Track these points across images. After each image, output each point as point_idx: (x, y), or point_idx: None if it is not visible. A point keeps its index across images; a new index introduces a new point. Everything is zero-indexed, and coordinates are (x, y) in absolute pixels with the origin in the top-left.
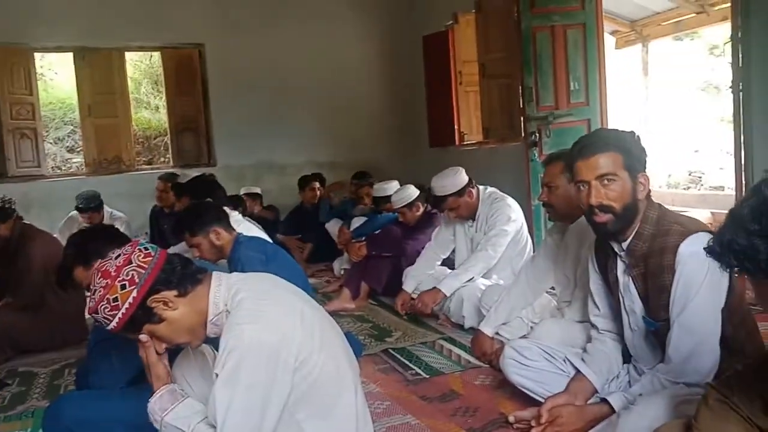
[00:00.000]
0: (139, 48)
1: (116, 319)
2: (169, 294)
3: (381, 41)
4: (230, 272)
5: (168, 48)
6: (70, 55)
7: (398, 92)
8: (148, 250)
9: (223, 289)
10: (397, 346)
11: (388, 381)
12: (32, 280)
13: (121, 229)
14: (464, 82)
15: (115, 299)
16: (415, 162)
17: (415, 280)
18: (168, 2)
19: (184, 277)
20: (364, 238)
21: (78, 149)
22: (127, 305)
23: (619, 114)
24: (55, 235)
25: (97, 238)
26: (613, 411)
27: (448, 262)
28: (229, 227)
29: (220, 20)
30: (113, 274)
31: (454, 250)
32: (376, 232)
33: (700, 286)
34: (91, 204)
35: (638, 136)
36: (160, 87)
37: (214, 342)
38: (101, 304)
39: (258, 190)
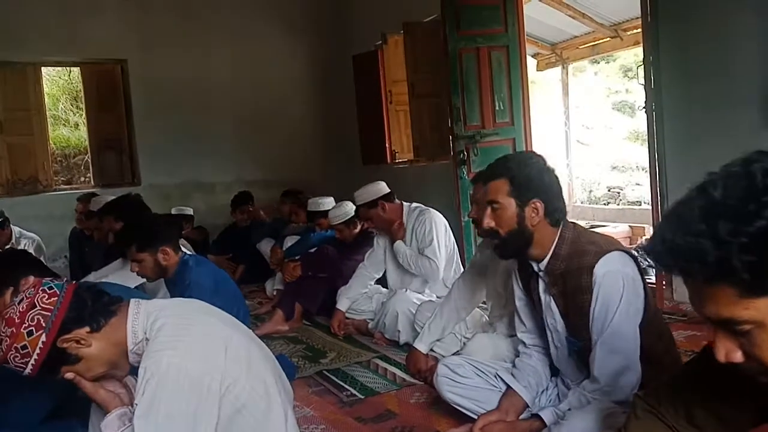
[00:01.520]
0: (56, 63)
1: (29, 367)
2: (81, 331)
3: (311, 60)
4: (171, 294)
5: (88, 63)
6: None
7: (330, 110)
8: (53, 289)
9: (142, 316)
10: (332, 367)
11: (322, 403)
12: None
13: (30, 251)
14: (394, 101)
15: (24, 347)
16: (349, 179)
17: (349, 299)
18: (88, 16)
19: (95, 311)
20: (297, 258)
21: None
22: (38, 351)
23: (542, 133)
24: None
25: (8, 264)
26: (544, 425)
27: (381, 281)
28: (177, 248)
29: (143, 35)
30: (18, 321)
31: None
32: (311, 251)
33: (618, 304)
34: None
35: (539, 162)
36: (79, 103)
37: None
38: (10, 353)
39: (189, 211)
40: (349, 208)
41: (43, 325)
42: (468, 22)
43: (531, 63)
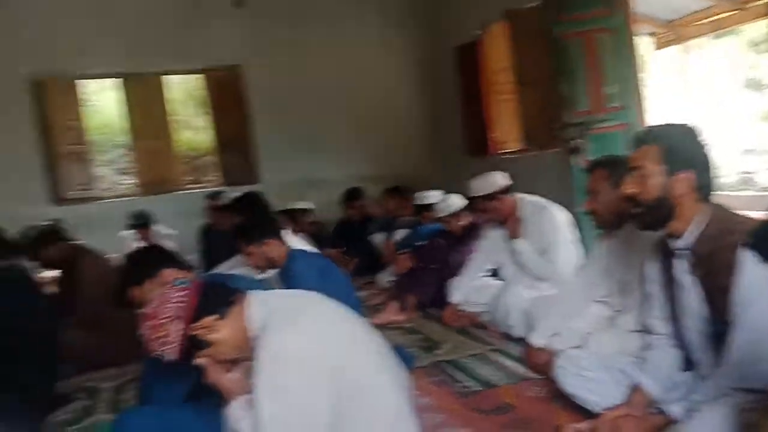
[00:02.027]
0: (178, 72)
1: (171, 353)
2: (210, 319)
3: (412, 53)
4: (282, 285)
5: (207, 70)
6: (116, 81)
7: (433, 103)
8: (182, 285)
9: (259, 305)
10: (448, 359)
11: (441, 393)
12: (86, 299)
13: (171, 246)
14: (498, 90)
15: (164, 336)
16: (454, 172)
17: (461, 292)
18: (205, 27)
19: (219, 301)
20: (408, 250)
21: (128, 171)
22: (176, 339)
23: (660, 116)
24: (112, 255)
25: (148, 258)
26: (674, 421)
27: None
28: (281, 241)
29: (256, 41)
30: (155, 315)
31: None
32: (421, 243)
33: (765, 286)
34: (139, 221)
35: (693, 132)
36: (204, 108)
37: None
38: (154, 343)
39: (308, 205)
40: (456, 200)
41: (178, 316)
42: (572, 6)
43: (647, 43)
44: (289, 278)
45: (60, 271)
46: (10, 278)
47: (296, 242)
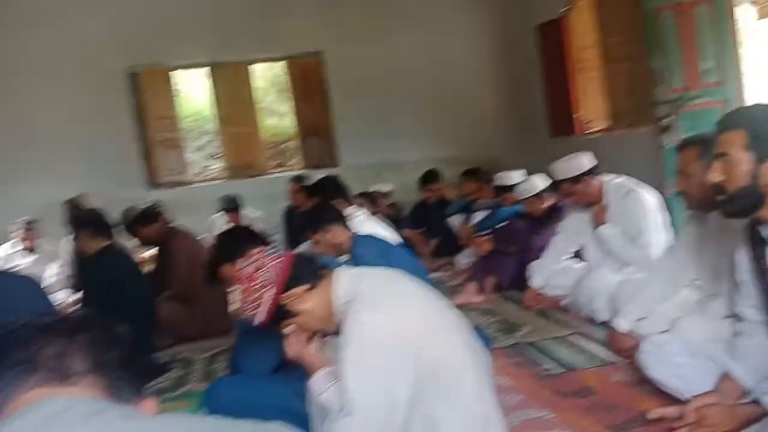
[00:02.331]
0: (263, 60)
1: (260, 316)
2: (300, 290)
3: (492, 33)
4: None
5: (290, 58)
6: (204, 70)
7: (513, 83)
8: (276, 255)
9: (345, 281)
10: (527, 341)
11: (520, 375)
12: (180, 275)
13: (259, 228)
14: (584, 68)
15: (255, 300)
16: (536, 153)
17: (542, 275)
18: (286, 16)
19: (310, 274)
20: (487, 232)
21: (217, 156)
22: (267, 304)
23: (762, 92)
24: (204, 236)
25: (238, 238)
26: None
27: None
28: (345, 227)
29: (336, 29)
30: (250, 279)
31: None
32: (501, 225)
33: None
34: (229, 205)
35: None
36: (286, 94)
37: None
38: (245, 305)
39: (387, 188)
40: (539, 181)
41: (270, 282)
42: None
43: (748, 12)
44: (355, 262)
45: (156, 249)
46: (113, 255)
47: (373, 225)
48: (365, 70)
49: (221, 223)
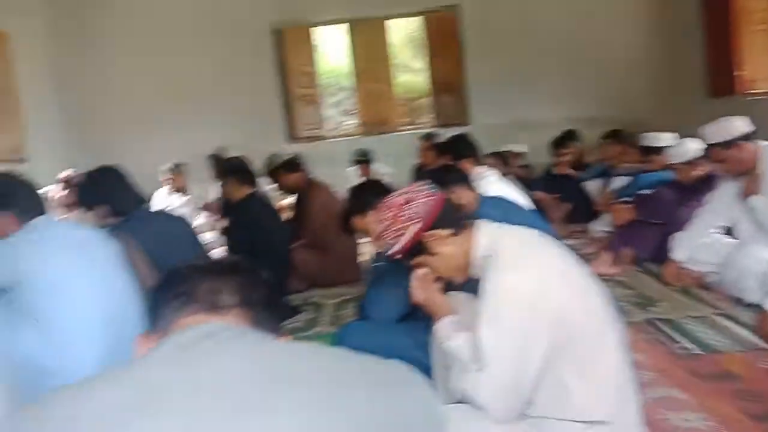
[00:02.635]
0: (400, 15)
1: (398, 246)
2: (444, 233)
3: None
4: None
5: (427, 12)
6: (342, 27)
7: (668, 36)
8: (429, 192)
9: (487, 235)
10: (663, 317)
11: (653, 351)
12: (314, 224)
13: (387, 182)
14: (752, 20)
15: (399, 230)
16: (690, 115)
17: (685, 248)
18: None
19: (455, 220)
20: (628, 200)
21: (352, 112)
22: (408, 236)
23: None
24: (338, 189)
25: (369, 191)
26: None
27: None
28: (469, 187)
29: None
30: (398, 210)
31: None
32: (645, 193)
33: None
34: (362, 158)
35: None
36: (421, 51)
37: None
38: (388, 232)
39: (520, 149)
40: (693, 145)
41: (418, 217)
42: None
43: None
44: None
45: (294, 198)
46: (256, 202)
47: (503, 186)
48: (502, 23)
49: (354, 176)
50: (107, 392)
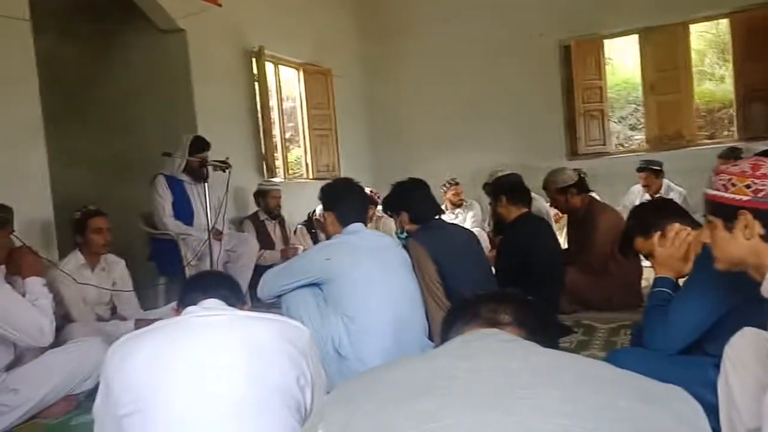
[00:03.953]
0: (705, 18)
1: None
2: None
3: None
4: None
5: (734, 13)
6: (633, 37)
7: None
8: None
9: None
10: None
11: None
12: (596, 247)
13: (678, 202)
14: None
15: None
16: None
17: None
18: None
19: None
20: None
21: (639, 127)
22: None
23: None
24: (618, 208)
25: (656, 211)
26: None
27: None
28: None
29: None
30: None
31: None
32: None
33: None
34: (648, 165)
35: None
36: (726, 56)
37: None
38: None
39: None
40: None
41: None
42: None
43: None
44: None
45: (577, 216)
46: (529, 223)
47: None
48: None
49: (635, 194)
50: (406, 371)
